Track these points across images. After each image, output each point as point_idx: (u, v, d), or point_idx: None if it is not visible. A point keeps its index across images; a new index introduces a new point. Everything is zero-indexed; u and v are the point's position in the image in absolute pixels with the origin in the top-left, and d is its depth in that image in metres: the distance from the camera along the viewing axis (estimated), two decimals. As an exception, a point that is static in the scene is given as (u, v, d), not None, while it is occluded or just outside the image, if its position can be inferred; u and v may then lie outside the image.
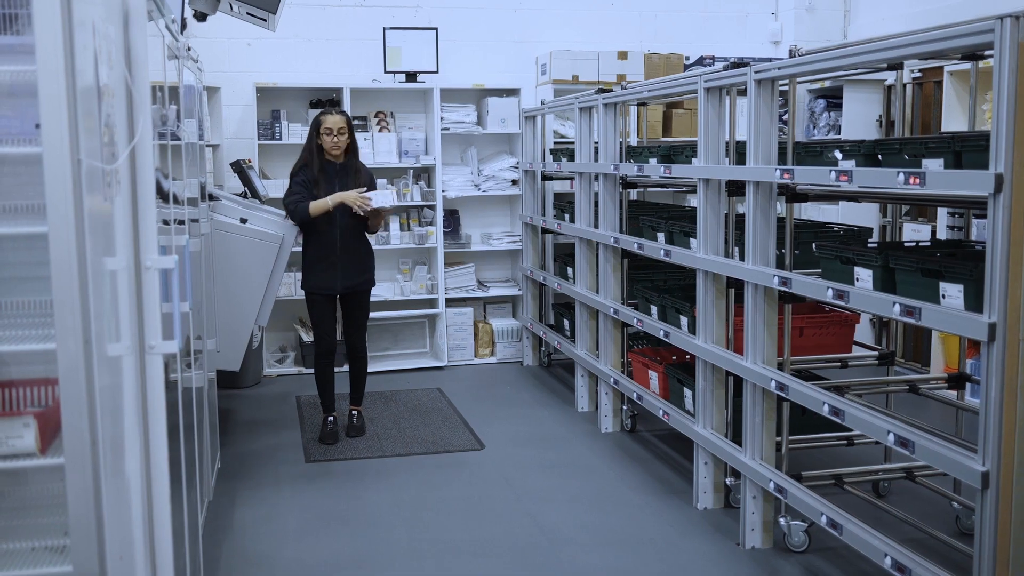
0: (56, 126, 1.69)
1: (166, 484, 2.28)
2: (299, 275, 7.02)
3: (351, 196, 5.30)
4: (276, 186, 7.10)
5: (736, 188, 4.20)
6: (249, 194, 6.50)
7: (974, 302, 2.78)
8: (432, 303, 7.48)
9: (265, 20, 5.45)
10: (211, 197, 5.44)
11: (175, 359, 3.00)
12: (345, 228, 5.41)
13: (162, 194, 2.78)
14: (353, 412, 5.78)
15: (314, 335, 5.64)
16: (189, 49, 4.13)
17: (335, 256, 5.43)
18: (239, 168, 6.55)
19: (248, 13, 5.38)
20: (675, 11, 8.10)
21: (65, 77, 1.69)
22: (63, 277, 1.72)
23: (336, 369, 5.71)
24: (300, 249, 5.59)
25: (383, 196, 5.37)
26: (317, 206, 5.30)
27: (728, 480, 4.44)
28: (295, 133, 7.18)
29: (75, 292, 1.72)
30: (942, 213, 6.15)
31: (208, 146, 6.66)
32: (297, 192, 5.35)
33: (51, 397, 2.12)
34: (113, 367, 2.00)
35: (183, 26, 4.77)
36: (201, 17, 5.32)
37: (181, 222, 3.47)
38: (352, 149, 5.50)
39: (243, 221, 5.38)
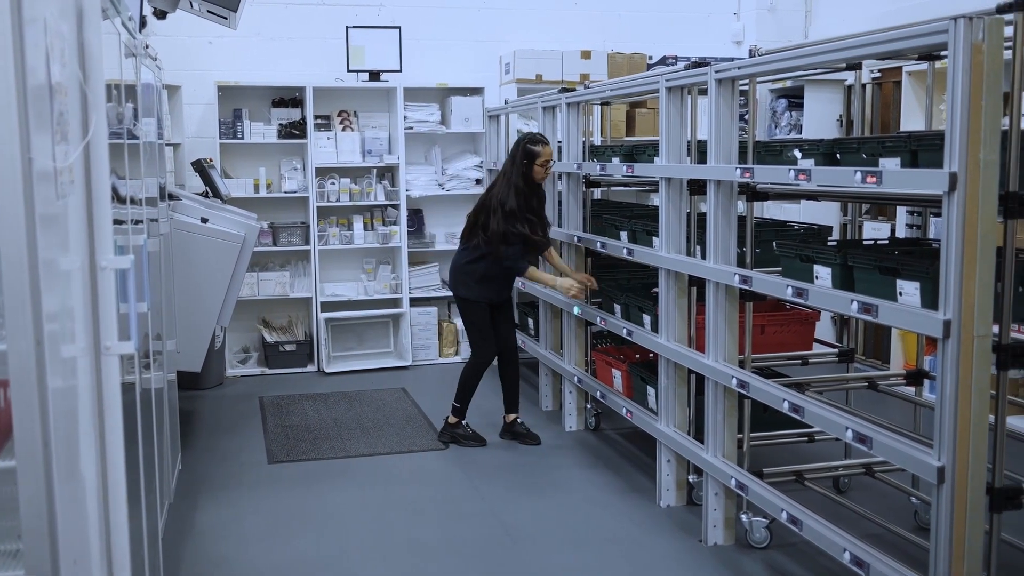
0: (5, 125, 1.66)
1: (122, 487, 2.25)
2: (261, 275, 7.09)
3: (573, 290, 5.21)
4: (238, 185, 7.05)
5: (698, 187, 4.22)
6: (211, 193, 6.45)
7: (930, 299, 2.82)
8: (396, 303, 7.46)
9: (226, 18, 5.41)
10: (171, 196, 5.38)
11: (132, 360, 2.96)
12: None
13: (117, 194, 2.74)
14: (519, 420, 5.64)
15: (482, 341, 5.47)
16: (148, 47, 4.08)
17: (502, 274, 5.37)
18: (200, 167, 6.50)
19: (209, 11, 5.34)
20: (638, 11, 8.13)
21: (15, 75, 1.66)
22: (14, 277, 1.69)
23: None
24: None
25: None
26: (540, 280, 5.36)
27: (691, 477, 4.47)
28: (257, 132, 7.14)
29: (26, 292, 1.69)
30: (902, 212, 6.23)
31: (169, 145, 6.60)
32: (515, 242, 5.23)
33: (2, 399, 2.08)
34: (67, 368, 1.97)
35: (142, 24, 4.72)
36: (161, 15, 5.27)
37: (139, 222, 3.43)
38: None
39: (204, 221, 5.34)
